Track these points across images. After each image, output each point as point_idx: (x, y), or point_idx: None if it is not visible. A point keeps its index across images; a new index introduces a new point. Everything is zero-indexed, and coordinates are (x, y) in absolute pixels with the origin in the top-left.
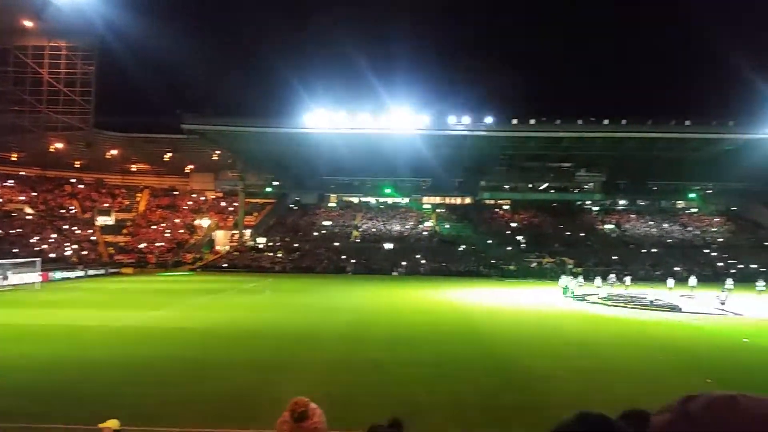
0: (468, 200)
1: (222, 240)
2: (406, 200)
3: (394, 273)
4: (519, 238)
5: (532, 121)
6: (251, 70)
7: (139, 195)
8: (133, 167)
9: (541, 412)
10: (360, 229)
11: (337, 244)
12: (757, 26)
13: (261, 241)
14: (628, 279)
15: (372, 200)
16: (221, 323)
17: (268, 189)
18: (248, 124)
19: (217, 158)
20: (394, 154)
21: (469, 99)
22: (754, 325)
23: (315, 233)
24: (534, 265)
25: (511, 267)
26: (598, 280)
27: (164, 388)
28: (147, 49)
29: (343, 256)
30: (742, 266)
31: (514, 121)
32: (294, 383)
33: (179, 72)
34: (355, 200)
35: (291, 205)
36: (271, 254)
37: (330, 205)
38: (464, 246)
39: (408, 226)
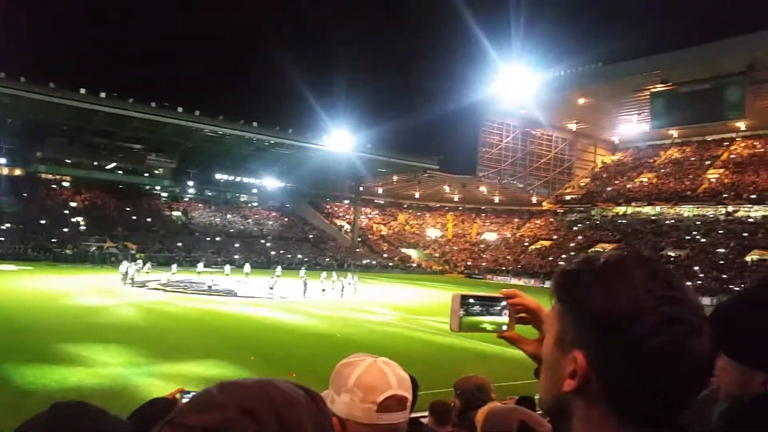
0: (18, 171)
1: None
2: None
3: None
4: (79, 219)
5: (103, 94)
6: None
7: None
8: None
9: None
10: None
11: None
12: (316, 62)
13: None
14: (200, 265)
15: None
16: None
17: None
18: None
19: None
20: None
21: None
22: (293, 307)
23: None
24: (94, 249)
25: (68, 251)
26: (174, 267)
27: None
28: None
29: None
30: (290, 256)
31: (82, 91)
32: None
33: None
34: None
35: None
36: None
37: None
38: (10, 224)
39: None
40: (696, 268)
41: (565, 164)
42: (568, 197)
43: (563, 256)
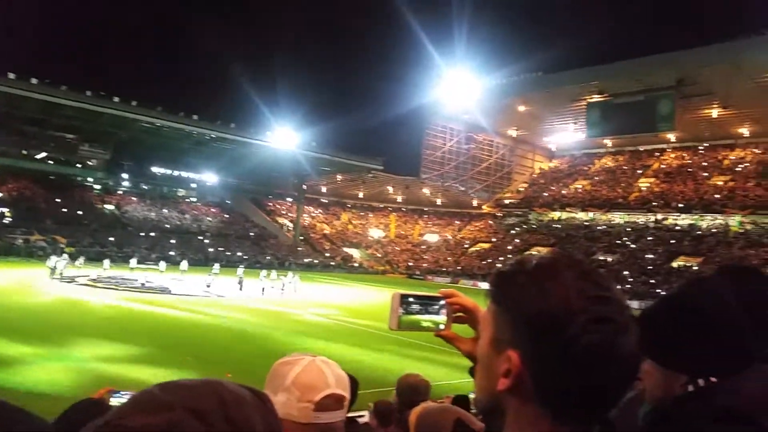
0: None
1: None
2: None
3: None
4: (4, 210)
5: (34, 81)
6: None
7: None
8: None
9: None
10: None
11: None
12: (260, 58)
13: None
14: (133, 261)
15: None
16: None
17: None
18: None
19: None
20: None
21: None
22: (230, 306)
23: None
24: (20, 242)
25: None
26: (106, 263)
27: None
28: None
29: None
30: (230, 253)
31: (11, 75)
32: None
33: None
34: None
35: None
36: None
37: None
38: None
39: None
40: (626, 272)
41: (504, 169)
42: (506, 201)
43: (501, 258)
